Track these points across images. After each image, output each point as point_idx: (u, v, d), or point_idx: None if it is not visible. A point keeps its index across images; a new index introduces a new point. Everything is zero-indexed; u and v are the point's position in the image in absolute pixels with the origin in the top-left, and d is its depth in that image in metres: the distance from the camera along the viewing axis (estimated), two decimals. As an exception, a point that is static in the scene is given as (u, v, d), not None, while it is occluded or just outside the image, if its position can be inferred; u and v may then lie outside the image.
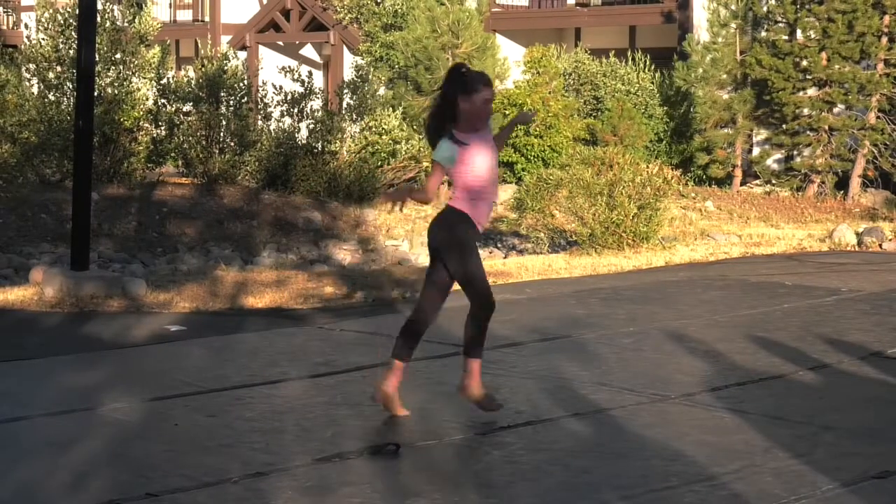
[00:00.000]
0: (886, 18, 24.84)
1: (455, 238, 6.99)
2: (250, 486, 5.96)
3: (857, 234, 16.74)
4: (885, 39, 24.96)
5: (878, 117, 25.04)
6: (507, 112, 26.46)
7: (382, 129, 25.41)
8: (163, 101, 24.00)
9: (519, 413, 7.30)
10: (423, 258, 19.96)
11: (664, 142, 27.87)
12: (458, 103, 6.86)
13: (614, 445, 6.61)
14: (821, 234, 17.90)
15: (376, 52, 30.35)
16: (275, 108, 24.44)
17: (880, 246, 16.15)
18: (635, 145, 25.53)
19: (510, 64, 28.73)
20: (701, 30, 28.11)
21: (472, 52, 26.97)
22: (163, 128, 23.79)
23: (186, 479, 6.06)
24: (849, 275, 13.29)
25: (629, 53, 30.20)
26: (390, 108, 26.29)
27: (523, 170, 25.78)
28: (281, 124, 24.29)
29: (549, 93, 26.92)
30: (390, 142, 25.38)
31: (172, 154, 23.98)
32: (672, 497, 5.73)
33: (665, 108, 28.17)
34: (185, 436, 6.91)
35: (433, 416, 7.29)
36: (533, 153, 26.30)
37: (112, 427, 7.12)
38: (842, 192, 25.30)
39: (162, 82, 24.24)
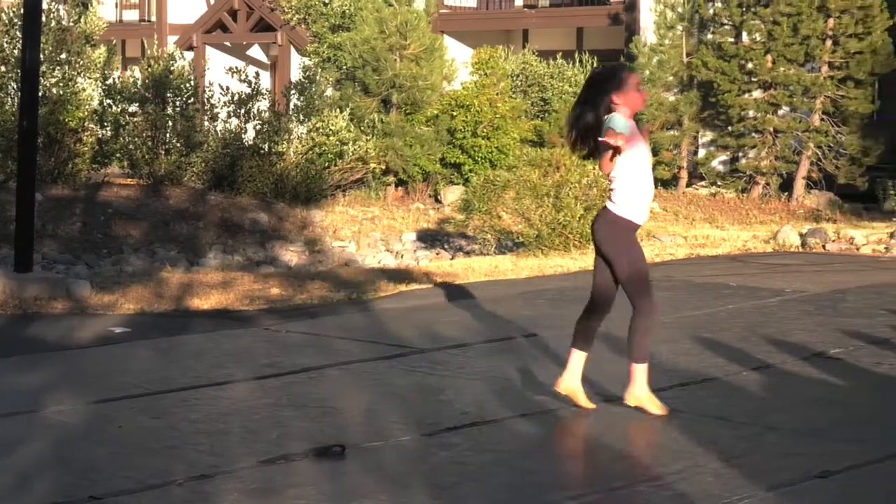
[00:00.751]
0: (831, 21, 25.04)
1: (618, 238, 7.06)
2: (195, 488, 5.94)
3: (801, 235, 16.86)
4: (829, 42, 25.16)
5: (822, 119, 25.24)
6: (454, 114, 26.48)
7: (330, 130, 25.34)
8: (108, 101, 23.84)
9: (465, 414, 7.30)
10: (369, 259, 19.95)
11: (611, 143, 27.93)
12: (613, 100, 6.95)
13: (560, 446, 6.63)
14: (765, 235, 18.02)
15: (324, 52, 30.27)
16: (221, 108, 24.33)
17: (824, 247, 16.28)
18: (582, 147, 25.56)
19: (458, 65, 28.74)
20: (648, 32, 28.23)
21: (420, 53, 26.96)
22: (108, 128, 23.62)
23: (131, 481, 6.03)
24: (793, 276, 13.39)
25: (576, 55, 30.28)
26: (338, 110, 26.22)
27: (470, 171, 25.80)
28: (228, 125, 24.20)
29: (497, 94, 26.95)
30: (338, 143, 25.32)
31: (118, 155, 23.83)
32: (617, 497, 5.75)
33: (612, 109, 28.23)
34: (130, 438, 6.88)
35: (379, 417, 7.28)
36: (480, 154, 26.32)
37: (56, 429, 7.07)
38: (786, 193, 25.48)
39: (107, 83, 24.09)
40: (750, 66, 25.80)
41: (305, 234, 21.72)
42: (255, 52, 36.72)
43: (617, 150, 6.84)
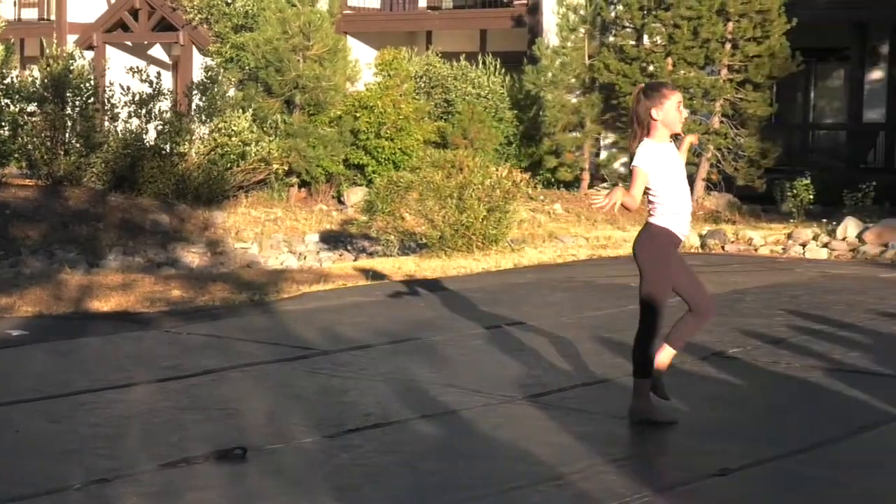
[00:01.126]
0: (730, 25, 25.35)
1: (652, 255, 7.12)
2: (94, 492, 5.87)
3: (701, 236, 17.06)
4: (728, 46, 25.47)
5: (721, 122, 25.54)
6: (358, 115, 26.43)
7: (232, 130, 25.17)
8: (6, 100, 23.48)
9: (368, 415, 7.29)
10: (272, 260, 19.84)
11: (514, 145, 28.08)
12: (652, 115, 7.01)
13: (462, 447, 6.64)
14: (666, 236, 18.17)
15: (226, 53, 30.06)
16: (122, 108, 24.08)
17: (723, 248, 16.49)
18: (485, 148, 25.67)
19: (361, 66, 28.69)
20: (550, 34, 28.39)
21: (324, 54, 26.87)
22: (6, 128, 23.26)
23: (27, 486, 5.94)
24: (693, 276, 13.51)
25: (480, 57, 30.36)
26: (240, 110, 26.05)
27: (374, 172, 25.76)
28: (128, 125, 23.95)
29: (401, 95, 26.94)
30: (240, 143, 25.15)
31: (16, 155, 23.48)
32: (519, 497, 5.78)
33: (515, 111, 28.38)
34: (27, 442, 6.78)
35: (281, 419, 7.25)
36: (384, 155, 26.30)
37: (-49, 434, 6.96)
38: (687, 195, 25.73)
39: (5, 82, 23.72)
40: (651, 68, 26.04)
41: (207, 236, 21.56)
42: (157, 51, 36.38)
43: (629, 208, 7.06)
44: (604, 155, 27.86)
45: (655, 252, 7.11)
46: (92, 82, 24.03)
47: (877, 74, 28.49)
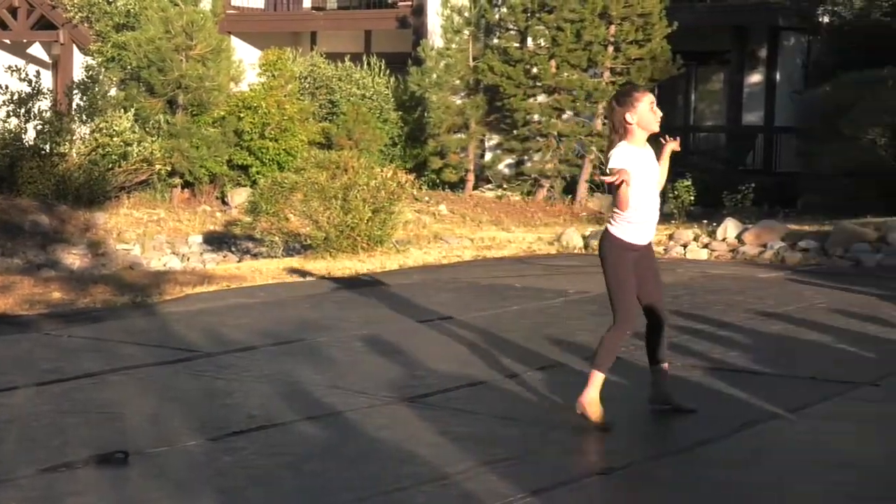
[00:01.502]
0: (612, 28, 25.61)
1: (611, 262, 7.12)
2: (-29, 498, 5.76)
3: (584, 237, 17.20)
4: (611, 48, 25.72)
5: (604, 124, 25.77)
6: (241, 115, 26.25)
7: (114, 130, 24.85)
8: None
9: (252, 417, 7.25)
10: (154, 262, 19.63)
11: (399, 146, 28.09)
12: (626, 120, 7.05)
13: (347, 448, 6.63)
14: (550, 237, 18.33)
15: (108, 52, 29.66)
16: (0, 108, 23.66)
17: (606, 249, 16.62)
18: (370, 149, 25.65)
19: (245, 66, 28.50)
20: (435, 36, 28.45)
21: (207, 53, 26.63)
22: None
23: None
24: (576, 277, 13.65)
25: (365, 58, 30.32)
26: (122, 110, 25.72)
27: (258, 173, 25.61)
28: (7, 125, 23.54)
29: (285, 96, 26.81)
30: (122, 144, 24.84)
31: None
32: (404, 498, 5.78)
33: (400, 112, 28.39)
34: None
35: (164, 422, 7.17)
36: (268, 156, 26.15)
37: None
38: (570, 196, 25.96)
39: None
40: (535, 70, 26.21)
41: (88, 237, 21.26)
42: (37, 50, 35.78)
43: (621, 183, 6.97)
44: (489, 156, 27.98)
45: (614, 260, 7.14)
46: (-31, 81, 23.61)
47: (756, 78, 28.98)
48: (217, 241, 21.92)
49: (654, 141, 7.39)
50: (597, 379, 7.09)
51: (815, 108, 26.04)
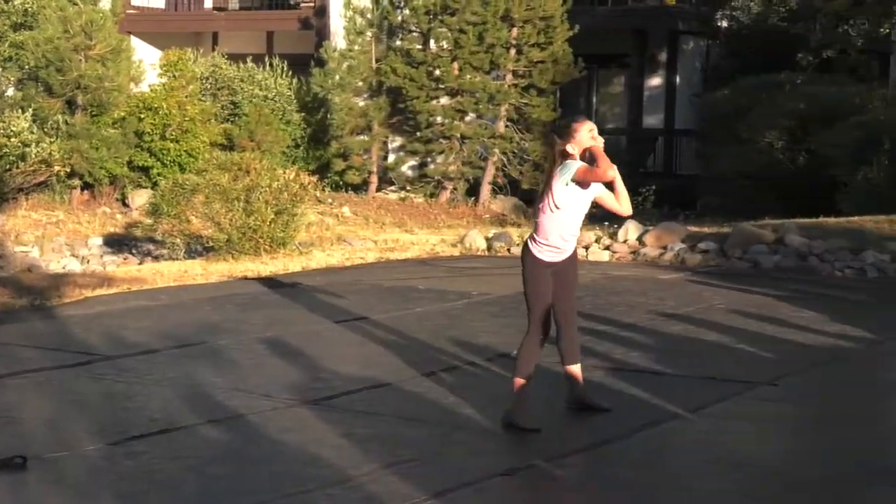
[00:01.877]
0: (514, 31, 25.72)
1: (527, 275, 7.29)
2: None
3: (487, 239, 17.26)
4: (513, 51, 25.84)
5: (506, 126, 25.90)
6: (142, 116, 26.00)
7: (11, 131, 24.49)
8: None
9: (153, 421, 7.19)
10: (53, 264, 19.39)
11: (302, 147, 27.99)
12: (568, 151, 7.12)
13: (250, 451, 6.60)
14: (453, 239, 18.37)
15: (5, 51, 29.21)
16: None
17: (508, 250, 16.71)
18: (273, 151, 25.54)
19: (146, 67, 28.23)
20: (338, 37, 28.39)
21: (106, 53, 26.33)
22: None
23: None
24: (479, 279, 13.69)
25: (267, 59, 30.19)
26: (20, 110, 25.36)
27: (159, 174, 25.38)
28: None
29: (186, 97, 26.59)
30: (19, 144, 24.49)
31: None
32: (308, 501, 5.77)
33: (302, 114, 28.30)
34: None
35: (64, 427, 7.09)
36: (169, 158, 25.93)
37: None
38: (473, 198, 26.04)
39: None
40: (438, 72, 26.26)
41: (-15, 239, 20.94)
42: (-69, 49, 35.17)
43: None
44: (392, 158, 27.97)
45: (531, 275, 7.28)
46: None
47: (656, 81, 29.29)
48: (118, 243, 21.69)
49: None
50: (517, 385, 7.22)
51: (714, 111, 26.38)
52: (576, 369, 7.48)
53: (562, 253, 7.28)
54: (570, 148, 7.14)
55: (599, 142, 7.22)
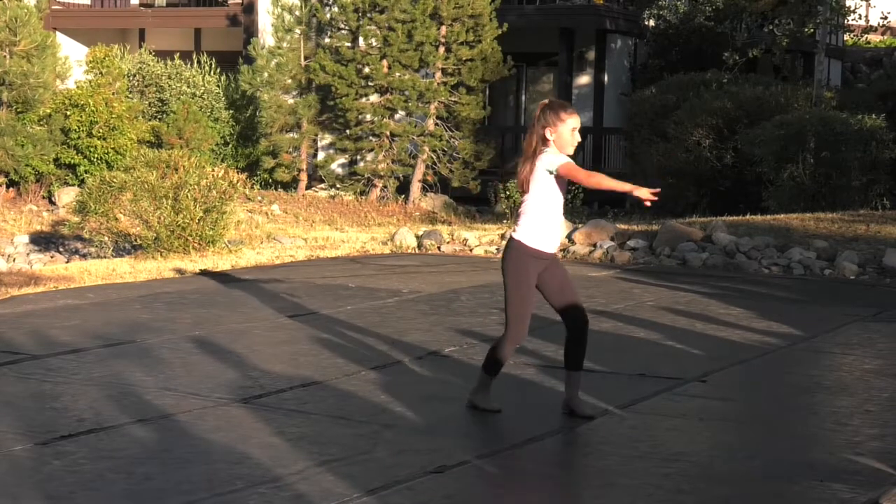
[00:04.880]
0: (443, 29, 25.77)
1: (512, 271, 7.20)
2: None
3: (418, 237, 17.27)
4: (442, 49, 25.88)
5: (436, 124, 25.94)
6: (68, 113, 25.77)
7: (-65, 128, 24.22)
8: None
9: (81, 421, 7.13)
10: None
11: (230, 145, 27.87)
12: (546, 136, 7.03)
13: (179, 451, 6.56)
14: (383, 237, 18.36)
15: (-73, 47, 28.90)
16: None
17: (439, 248, 16.73)
18: (201, 148, 25.41)
19: (72, 63, 28.00)
20: (266, 34, 28.31)
21: (32, 50, 26.09)
22: None
23: None
24: (409, 276, 13.70)
25: (195, 56, 30.03)
26: (-58, 107, 25.11)
27: (86, 172, 25.18)
28: None
29: (113, 94, 26.40)
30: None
31: None
32: (237, 500, 5.74)
33: (231, 111, 28.17)
34: None
35: (-10, 428, 7.00)
36: (96, 155, 25.72)
37: None
38: (403, 196, 26.05)
39: None
40: (367, 70, 26.26)
41: None
42: None
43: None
44: (321, 156, 27.93)
45: (515, 269, 7.19)
46: None
47: (584, 79, 29.45)
48: (44, 241, 21.49)
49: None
50: (481, 378, 7.40)
51: (642, 109, 26.60)
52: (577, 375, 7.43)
53: (554, 242, 7.25)
54: (548, 133, 7.09)
55: (577, 140, 7.19)
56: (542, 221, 7.13)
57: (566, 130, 7.10)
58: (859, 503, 5.76)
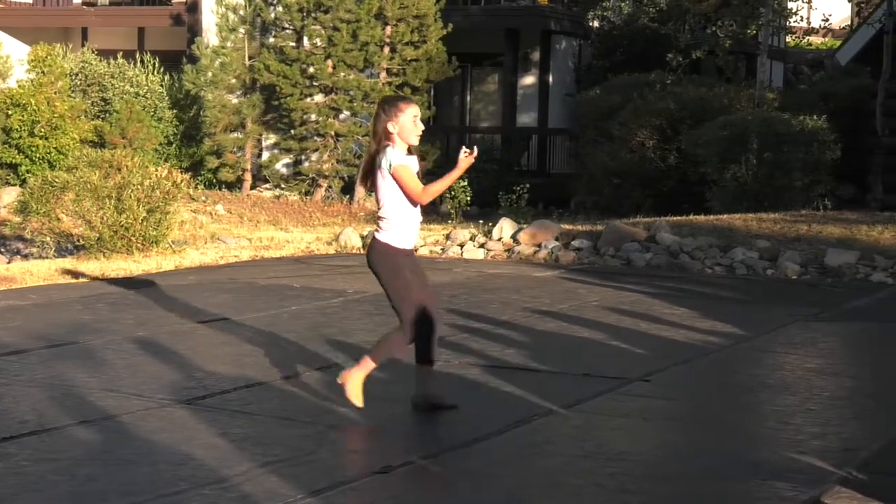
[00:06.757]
0: (388, 29, 25.75)
1: (386, 270, 7.23)
2: None
3: (363, 237, 17.25)
4: (387, 49, 25.87)
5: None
6: (10, 112, 25.55)
7: None
8: None
9: (24, 423, 7.07)
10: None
11: (174, 145, 27.73)
12: (388, 129, 7.07)
13: (122, 452, 6.52)
14: (328, 237, 18.33)
15: None
16: None
17: (384, 248, 16.71)
18: (145, 148, 25.27)
19: (13, 62, 27.77)
20: (210, 34, 28.19)
21: (-27, 48, 25.86)
22: None
23: None
24: (354, 277, 13.67)
25: (138, 55, 29.86)
26: None
27: (28, 172, 24.98)
28: None
29: (55, 93, 26.20)
30: None
31: None
32: (181, 501, 5.71)
33: (175, 111, 28.03)
34: None
35: (-70, 430, 6.93)
36: (38, 155, 25.52)
37: None
38: (348, 196, 26.01)
39: None
40: (312, 70, 26.20)
41: None
42: None
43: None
44: (266, 156, 27.84)
45: (389, 267, 7.24)
46: None
47: (529, 80, 29.52)
48: (-16, 241, 21.27)
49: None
50: (367, 365, 7.34)
51: (587, 110, 26.69)
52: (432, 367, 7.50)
53: (415, 236, 7.36)
54: (391, 126, 7.14)
55: (420, 128, 7.24)
56: (401, 221, 7.22)
57: (408, 119, 7.18)
58: (801, 501, 5.81)
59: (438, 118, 28.78)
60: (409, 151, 7.24)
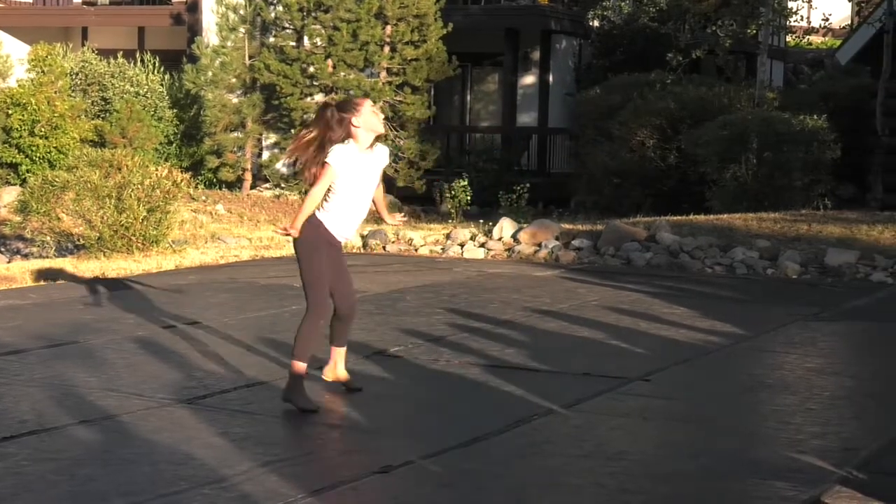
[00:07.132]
0: (388, 29, 25.75)
1: (306, 245, 7.48)
2: None
3: (363, 236, 17.24)
4: (387, 48, 25.86)
5: (356, 126, 25.90)
6: (10, 111, 25.54)
7: None
8: None
9: (23, 422, 7.07)
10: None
11: (174, 144, 27.73)
12: (353, 124, 7.38)
13: (122, 452, 6.52)
14: (328, 236, 18.29)
15: None
16: None
17: (384, 248, 16.72)
18: (145, 147, 25.26)
19: (14, 62, 27.77)
20: (210, 33, 28.18)
21: (-27, 48, 25.86)
22: None
23: None
24: (354, 276, 13.61)
25: (138, 55, 29.85)
26: None
27: (28, 171, 24.98)
28: None
29: (56, 93, 26.19)
30: None
31: None
32: (181, 501, 5.71)
33: (175, 110, 28.02)
34: None
35: (-70, 430, 6.93)
36: (38, 154, 25.51)
37: None
38: (348, 195, 25.98)
39: None
40: (312, 69, 26.19)
41: None
42: None
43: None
44: (266, 155, 27.83)
45: (309, 242, 7.46)
46: None
47: (529, 79, 29.51)
48: (-15, 241, 21.28)
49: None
50: (297, 367, 7.46)
51: (587, 109, 26.68)
52: (343, 351, 7.84)
53: (349, 232, 7.68)
54: (355, 121, 7.43)
55: (380, 118, 7.52)
56: (340, 209, 7.46)
57: (367, 111, 7.48)
58: (801, 500, 5.81)
59: (438, 118, 28.78)
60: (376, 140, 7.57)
